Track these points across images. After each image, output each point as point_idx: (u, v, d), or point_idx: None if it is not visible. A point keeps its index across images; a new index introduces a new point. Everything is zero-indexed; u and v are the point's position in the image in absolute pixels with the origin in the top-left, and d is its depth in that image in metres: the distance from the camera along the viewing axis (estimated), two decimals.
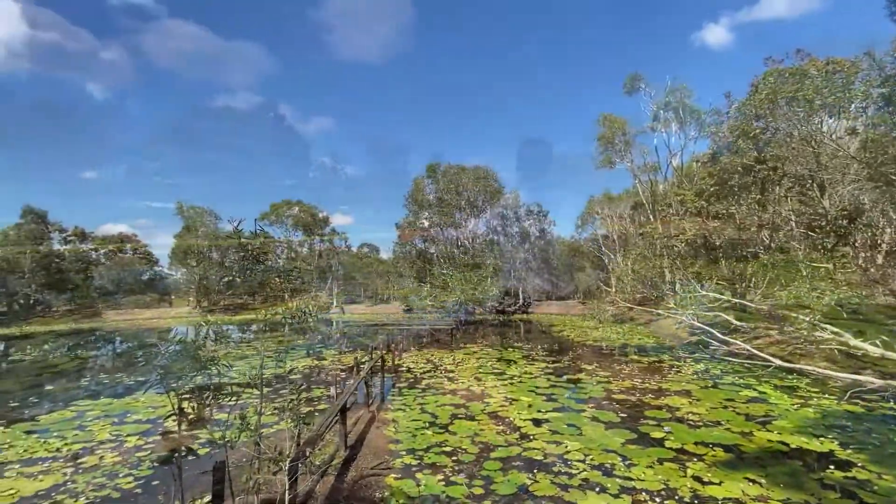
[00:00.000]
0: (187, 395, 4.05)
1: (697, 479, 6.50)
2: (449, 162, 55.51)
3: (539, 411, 10.18)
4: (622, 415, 9.86)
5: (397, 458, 7.38)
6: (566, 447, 7.86)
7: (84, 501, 6.13)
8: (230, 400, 4.79)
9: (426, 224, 59.00)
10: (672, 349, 20.10)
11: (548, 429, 8.91)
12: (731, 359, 16.38)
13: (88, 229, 63.73)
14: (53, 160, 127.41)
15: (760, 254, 17.49)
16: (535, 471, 6.84)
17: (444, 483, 6.41)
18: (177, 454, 3.17)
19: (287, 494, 3.90)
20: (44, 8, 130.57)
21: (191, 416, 3.47)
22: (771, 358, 13.82)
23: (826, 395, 11.07)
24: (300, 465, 4.74)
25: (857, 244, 18.85)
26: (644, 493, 6.08)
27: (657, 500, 5.91)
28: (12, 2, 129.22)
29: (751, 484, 6.30)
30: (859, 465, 6.89)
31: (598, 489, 6.22)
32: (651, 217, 38.05)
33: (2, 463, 7.65)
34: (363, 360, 13.82)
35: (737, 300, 19.01)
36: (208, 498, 5.71)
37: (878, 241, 18.97)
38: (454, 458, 7.40)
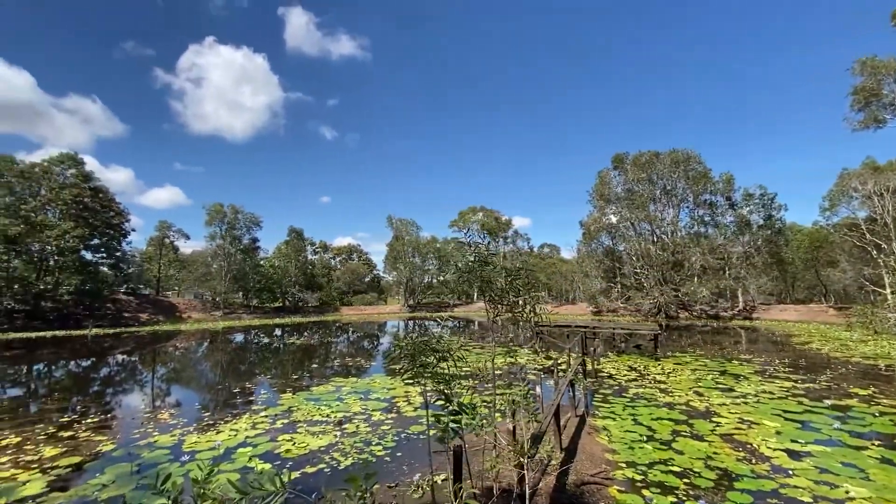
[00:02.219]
0: (411, 381, 4.54)
1: None
2: (639, 150, 50.36)
3: (795, 441, 8.24)
4: None
5: (617, 470, 6.95)
6: (847, 491, 6.13)
7: (351, 461, 7.61)
8: (462, 389, 5.27)
9: (614, 220, 54.82)
10: None
11: (812, 464, 7.13)
12: None
13: (328, 242, 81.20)
14: (300, 189, 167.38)
15: None
16: None
17: None
18: (447, 436, 3.63)
19: (526, 487, 4.04)
20: (290, 72, 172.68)
21: (451, 403, 3.92)
22: None
23: None
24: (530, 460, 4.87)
25: None
26: None
27: None
28: (272, 73, 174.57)
29: None
30: None
31: None
32: None
33: (296, 422, 10.13)
34: (560, 361, 13.60)
35: None
36: (443, 476, 6.46)
37: None
38: (686, 480, 6.56)
